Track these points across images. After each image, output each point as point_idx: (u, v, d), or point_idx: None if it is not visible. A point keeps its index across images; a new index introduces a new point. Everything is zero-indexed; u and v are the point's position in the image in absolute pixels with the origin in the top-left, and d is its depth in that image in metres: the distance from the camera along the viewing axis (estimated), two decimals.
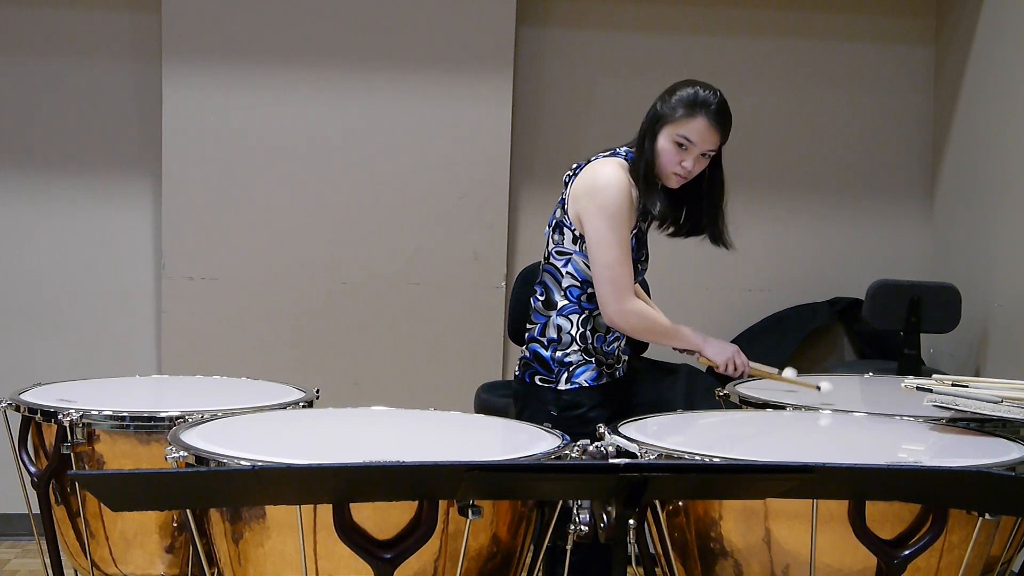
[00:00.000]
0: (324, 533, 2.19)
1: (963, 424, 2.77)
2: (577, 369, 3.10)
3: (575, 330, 3.09)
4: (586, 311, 3.10)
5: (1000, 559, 2.64)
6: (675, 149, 2.99)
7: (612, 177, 3.01)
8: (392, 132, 4.79)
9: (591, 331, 3.10)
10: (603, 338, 3.12)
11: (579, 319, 3.09)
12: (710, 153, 3.01)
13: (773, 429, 2.80)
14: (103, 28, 4.80)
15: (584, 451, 2.46)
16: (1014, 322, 4.36)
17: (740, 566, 2.36)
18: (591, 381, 3.09)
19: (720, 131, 3.00)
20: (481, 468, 1.96)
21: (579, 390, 3.09)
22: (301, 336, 4.76)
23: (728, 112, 3.03)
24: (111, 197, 4.84)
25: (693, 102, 2.98)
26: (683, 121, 2.97)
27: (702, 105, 2.97)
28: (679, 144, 2.98)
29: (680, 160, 2.99)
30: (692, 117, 2.97)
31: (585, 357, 3.10)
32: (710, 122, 2.97)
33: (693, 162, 2.99)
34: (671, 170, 3.01)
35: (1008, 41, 4.51)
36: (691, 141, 2.98)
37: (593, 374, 3.10)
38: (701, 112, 2.97)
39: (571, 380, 3.09)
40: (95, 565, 2.90)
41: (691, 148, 2.98)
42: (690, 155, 2.99)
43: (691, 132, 2.97)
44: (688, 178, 3.04)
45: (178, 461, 2.33)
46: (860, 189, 5.10)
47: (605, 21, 4.98)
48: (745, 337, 4.99)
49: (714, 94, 3.01)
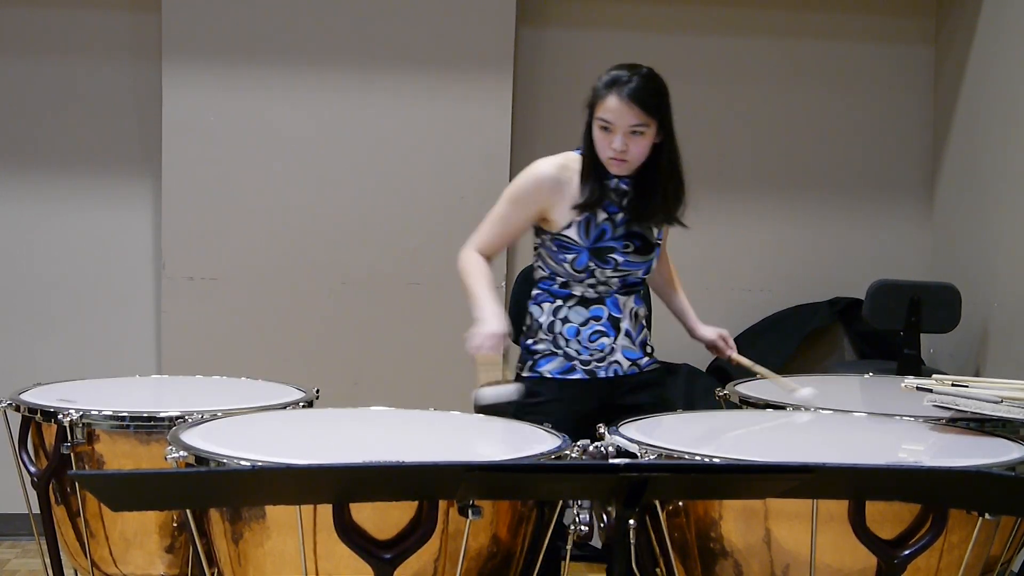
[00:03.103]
0: (324, 533, 2.19)
1: (963, 424, 2.76)
2: (542, 358, 3.09)
3: (544, 319, 3.10)
4: (558, 299, 3.09)
5: (1000, 559, 2.64)
6: (602, 134, 2.98)
7: (534, 166, 3.09)
8: (392, 132, 4.79)
9: (561, 321, 3.08)
10: (576, 330, 3.08)
11: (550, 308, 3.09)
12: (638, 130, 2.95)
13: (773, 429, 2.80)
14: (103, 28, 4.80)
15: (584, 451, 2.46)
16: (1014, 322, 4.36)
17: (740, 566, 2.36)
18: (554, 372, 3.07)
19: (637, 106, 2.93)
20: (481, 468, 1.96)
21: (538, 379, 3.08)
22: (301, 336, 4.76)
23: (649, 86, 2.97)
24: (111, 197, 4.84)
25: (607, 83, 2.97)
26: (600, 104, 2.97)
27: (613, 84, 2.96)
28: (603, 128, 2.97)
29: (608, 143, 2.97)
30: (606, 97, 2.96)
31: (552, 347, 3.09)
32: (620, 98, 2.93)
33: (622, 142, 2.94)
34: (604, 155, 2.99)
35: (1008, 41, 4.51)
36: (609, 121, 2.95)
37: (560, 366, 3.08)
38: (612, 90, 2.95)
39: (534, 368, 3.10)
40: (95, 565, 2.90)
41: (614, 128, 2.95)
42: (614, 135, 2.95)
43: (606, 112, 2.95)
44: (629, 160, 2.97)
45: (178, 461, 2.33)
46: (860, 189, 5.10)
47: (605, 21, 4.97)
48: (745, 337, 4.99)
49: (631, 71, 2.98)
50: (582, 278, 3.07)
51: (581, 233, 3.05)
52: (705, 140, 5.03)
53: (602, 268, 3.06)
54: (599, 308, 3.08)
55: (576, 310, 3.08)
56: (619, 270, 3.07)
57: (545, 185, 3.07)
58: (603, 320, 3.08)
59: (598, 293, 3.08)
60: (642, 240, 3.09)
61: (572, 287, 3.09)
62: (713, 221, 5.04)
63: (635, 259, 3.09)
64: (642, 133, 2.96)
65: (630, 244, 3.08)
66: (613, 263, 3.06)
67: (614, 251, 3.06)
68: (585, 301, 3.08)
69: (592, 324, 3.08)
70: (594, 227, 3.05)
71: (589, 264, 3.05)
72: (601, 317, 3.08)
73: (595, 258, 3.05)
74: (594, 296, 3.08)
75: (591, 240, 3.05)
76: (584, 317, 3.08)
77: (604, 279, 3.07)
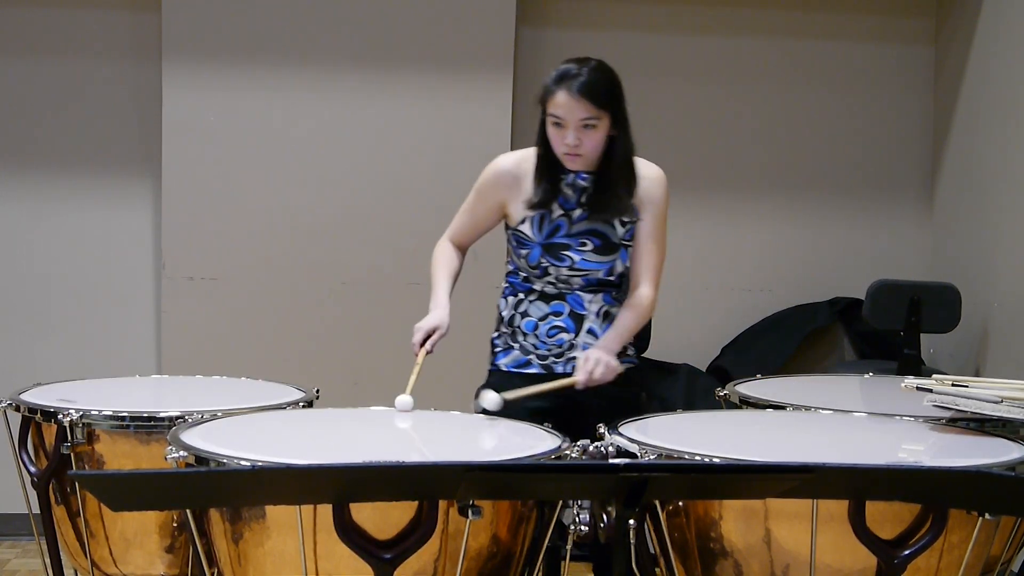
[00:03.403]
0: (324, 533, 2.19)
1: (963, 424, 2.76)
2: (500, 352, 3.11)
3: (506, 312, 3.11)
4: (520, 293, 3.09)
5: (1000, 559, 2.64)
6: (555, 129, 2.96)
7: (496, 159, 3.12)
8: (392, 132, 4.79)
9: (521, 315, 3.07)
10: (535, 324, 3.06)
11: (513, 302, 3.10)
12: (590, 123, 2.92)
13: (773, 429, 2.80)
14: (103, 28, 4.80)
15: (584, 451, 2.46)
16: (1014, 322, 4.36)
17: (740, 566, 2.36)
18: (509, 366, 3.07)
19: (586, 99, 2.90)
20: (481, 468, 1.96)
21: (495, 372, 3.09)
22: (301, 336, 4.76)
23: (598, 79, 2.94)
24: (111, 197, 4.84)
25: (556, 78, 2.95)
26: (550, 99, 2.94)
27: (562, 79, 2.93)
28: (555, 124, 2.95)
29: (562, 138, 2.95)
30: (555, 93, 2.93)
31: (509, 341, 3.09)
32: (570, 93, 2.90)
33: (574, 137, 2.92)
34: (559, 151, 2.97)
35: (1008, 41, 4.51)
36: (560, 116, 2.93)
37: (515, 360, 3.07)
38: (562, 85, 2.92)
39: (493, 362, 3.11)
40: (95, 565, 2.90)
41: (565, 123, 2.93)
42: (567, 131, 2.93)
43: (556, 108, 2.93)
44: (584, 154, 2.95)
45: (178, 461, 2.33)
46: (860, 189, 5.10)
47: (605, 21, 4.97)
48: (745, 337, 4.99)
49: (580, 65, 2.95)
50: (538, 274, 3.05)
51: (535, 229, 3.03)
52: (705, 140, 5.04)
53: (556, 265, 3.03)
54: (560, 304, 3.06)
55: (536, 305, 3.07)
56: (575, 269, 3.03)
57: (503, 179, 3.08)
58: (563, 316, 3.05)
59: (559, 289, 3.06)
60: (603, 239, 3.04)
61: (533, 282, 3.07)
62: (713, 221, 5.05)
63: (594, 259, 3.03)
64: (594, 126, 2.93)
65: (587, 242, 3.03)
66: (568, 261, 3.03)
67: (569, 248, 3.03)
68: (546, 296, 3.06)
69: (551, 319, 3.06)
70: (548, 223, 3.03)
71: (541, 260, 3.03)
72: (561, 313, 3.05)
73: (547, 254, 3.03)
74: (554, 292, 3.06)
75: (543, 236, 3.03)
76: (543, 312, 3.06)
77: (560, 277, 3.04)
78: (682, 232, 5.02)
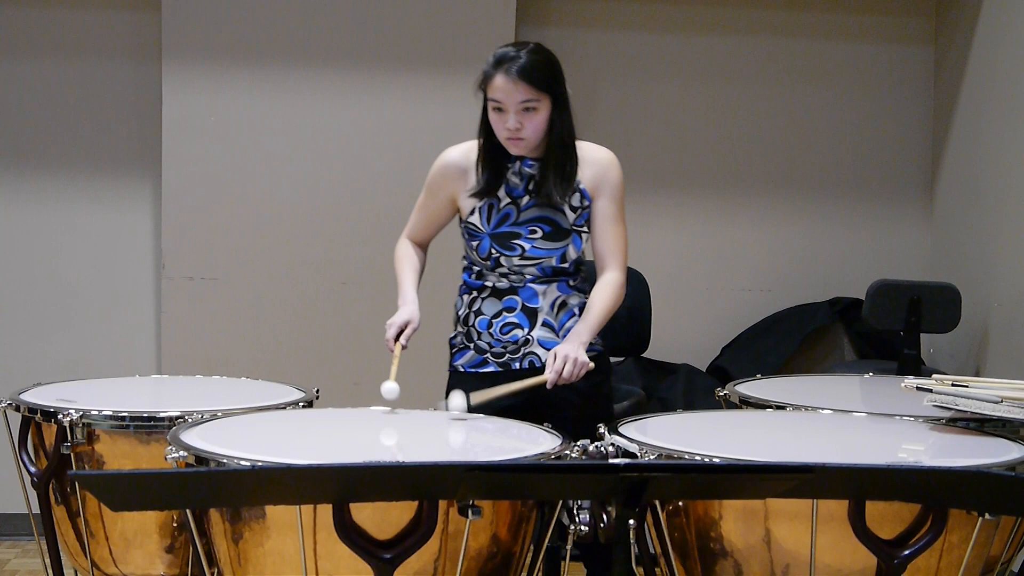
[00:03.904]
0: (324, 533, 2.19)
1: (963, 424, 2.76)
2: (457, 352, 3.10)
3: (462, 311, 3.10)
4: (473, 291, 3.08)
5: (1000, 559, 2.64)
6: (496, 115, 2.94)
7: (443, 152, 3.11)
8: (392, 132, 4.78)
9: (475, 313, 3.06)
10: (488, 322, 3.04)
11: (467, 300, 3.09)
12: (530, 106, 2.90)
13: (773, 429, 2.80)
14: (103, 28, 4.80)
15: (584, 451, 2.46)
16: (1014, 322, 4.36)
17: (740, 566, 2.36)
18: (467, 367, 3.07)
19: (524, 82, 2.88)
20: (481, 468, 1.96)
21: (453, 373, 3.09)
22: (301, 336, 4.75)
23: (536, 61, 2.92)
24: (111, 197, 4.84)
25: (494, 63, 2.93)
26: (489, 84, 2.93)
27: (498, 63, 2.92)
28: (496, 109, 2.94)
29: (503, 123, 2.93)
30: (493, 77, 2.92)
31: (465, 340, 3.08)
32: (508, 76, 2.89)
33: (515, 120, 2.91)
34: (501, 136, 2.96)
35: (1008, 41, 4.51)
36: (499, 100, 2.92)
37: (471, 360, 3.06)
38: (500, 69, 2.91)
39: (451, 363, 3.10)
40: (95, 565, 2.90)
41: (505, 107, 2.92)
42: (507, 115, 2.91)
43: (496, 92, 2.92)
44: (526, 138, 2.93)
45: (178, 461, 2.33)
46: (860, 189, 5.10)
47: (605, 21, 4.97)
48: (745, 337, 4.99)
49: (517, 48, 2.94)
50: (490, 266, 3.03)
51: (483, 219, 3.02)
52: (705, 140, 5.04)
53: (507, 255, 3.01)
54: (512, 299, 3.03)
55: (489, 301, 3.05)
56: (527, 257, 3.01)
57: (450, 172, 3.07)
58: (516, 311, 3.03)
59: (511, 283, 3.03)
60: (552, 226, 3.01)
61: (486, 277, 3.05)
62: (713, 221, 5.05)
63: (545, 246, 3.00)
64: (535, 109, 2.91)
65: (537, 230, 3.01)
66: (519, 250, 3.00)
67: (519, 237, 3.01)
68: (498, 292, 3.04)
69: (505, 315, 3.03)
70: (496, 212, 3.02)
71: (492, 251, 3.01)
72: (514, 308, 3.03)
73: (497, 244, 3.01)
74: (506, 287, 3.03)
75: (492, 226, 3.01)
76: (497, 308, 3.04)
77: (513, 267, 3.02)
78: (682, 232, 5.05)
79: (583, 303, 3.06)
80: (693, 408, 4.39)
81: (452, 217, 3.13)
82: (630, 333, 4.19)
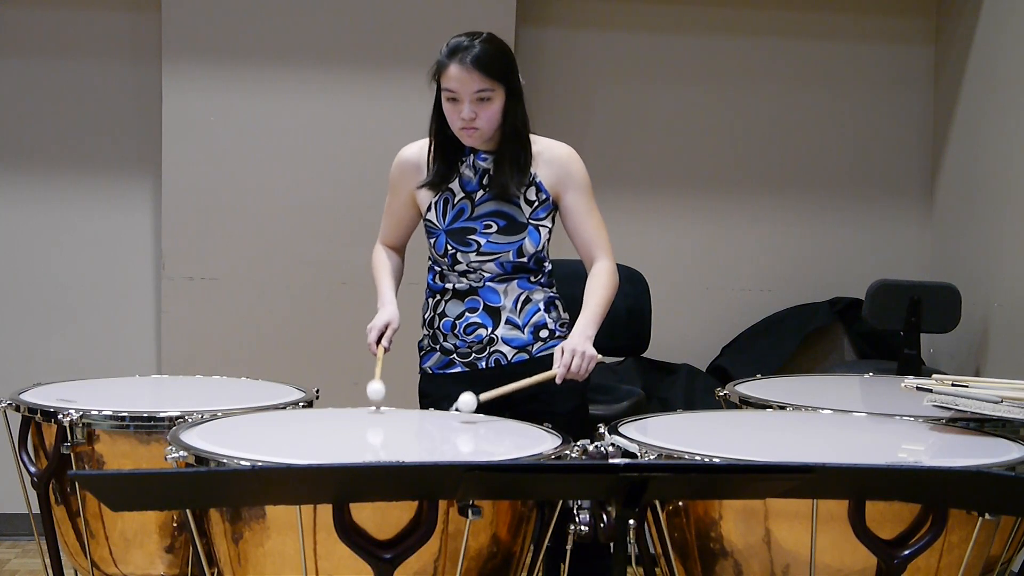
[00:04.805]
0: (324, 533, 2.19)
1: (963, 424, 2.76)
2: (425, 354, 3.10)
3: (428, 313, 3.09)
4: (436, 294, 3.07)
5: (1000, 559, 2.64)
6: (450, 105, 2.93)
7: (401, 151, 3.11)
8: (392, 132, 4.75)
9: (439, 316, 3.05)
10: (452, 323, 3.03)
11: (432, 303, 3.08)
12: (484, 95, 2.89)
13: (773, 429, 2.80)
14: (103, 28, 4.80)
15: (584, 451, 2.46)
16: (1014, 322, 4.36)
17: (740, 566, 2.36)
18: (435, 368, 3.07)
19: (478, 71, 2.87)
20: (481, 468, 1.96)
21: (423, 376, 3.10)
22: (301, 336, 4.75)
23: (490, 50, 2.91)
24: (111, 197, 4.84)
25: (448, 52, 2.92)
26: (443, 74, 2.92)
27: (452, 53, 2.91)
28: (450, 99, 2.92)
29: (457, 113, 2.92)
30: (447, 67, 2.91)
31: (431, 343, 3.08)
32: (462, 66, 2.88)
33: (470, 110, 2.89)
34: (456, 127, 2.94)
35: (1008, 41, 4.51)
36: (453, 90, 2.90)
37: (438, 361, 3.06)
38: (454, 59, 2.90)
39: (420, 366, 3.10)
40: (95, 565, 2.90)
41: (460, 97, 2.90)
42: (462, 104, 2.90)
43: (449, 81, 2.90)
44: (481, 128, 2.91)
45: (178, 461, 2.33)
46: (860, 189, 5.10)
47: (605, 21, 4.98)
48: (745, 337, 4.99)
49: (471, 38, 2.93)
50: (449, 264, 3.01)
51: (439, 215, 3.01)
52: (705, 140, 5.04)
53: (463, 251, 2.99)
54: (474, 300, 3.02)
55: (452, 303, 3.04)
56: (483, 253, 2.99)
57: (406, 168, 3.08)
58: (479, 311, 3.01)
59: (471, 283, 3.01)
60: (507, 220, 2.98)
61: (447, 279, 3.04)
62: (713, 221, 5.05)
63: (500, 240, 2.98)
64: (489, 99, 2.90)
65: (492, 224, 2.99)
66: (475, 246, 2.99)
67: (474, 232, 2.99)
68: (459, 294, 3.03)
69: (468, 316, 3.02)
70: (451, 208, 3.01)
71: (448, 247, 2.99)
72: (476, 309, 3.01)
73: (453, 240, 2.99)
74: (466, 288, 3.02)
75: (447, 222, 3.00)
76: (460, 310, 3.03)
77: (471, 264, 2.99)
78: (682, 232, 5.05)
79: (548, 298, 3.05)
80: (693, 408, 4.40)
81: (418, 216, 3.11)
82: (630, 333, 4.19)
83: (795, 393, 3.15)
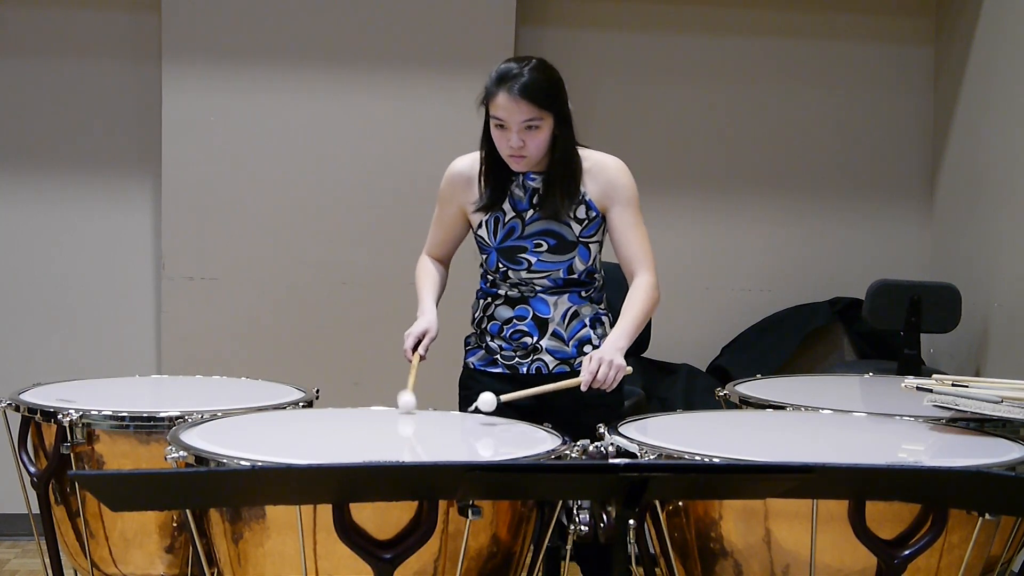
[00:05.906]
0: (324, 533, 2.19)
1: (963, 424, 2.76)
2: (471, 350, 3.13)
3: (477, 313, 3.11)
4: (488, 297, 3.09)
5: (1000, 559, 2.64)
6: (499, 132, 2.91)
7: (452, 163, 3.10)
8: (392, 132, 4.78)
9: (488, 318, 3.07)
10: (499, 327, 3.05)
11: (483, 304, 3.10)
12: (533, 124, 2.87)
13: (773, 429, 2.80)
14: (103, 28, 4.80)
15: (584, 451, 2.46)
16: (1014, 322, 4.36)
17: (740, 566, 2.36)
18: (478, 364, 3.09)
19: (527, 101, 2.84)
20: (481, 468, 1.96)
21: (465, 370, 3.12)
22: (301, 336, 4.76)
23: (539, 79, 2.88)
24: (111, 197, 4.84)
25: (496, 80, 2.89)
26: (492, 102, 2.90)
27: (500, 81, 2.88)
28: (498, 126, 2.90)
29: (506, 141, 2.90)
30: (496, 95, 2.88)
31: (477, 341, 3.10)
32: (510, 95, 2.85)
33: (518, 139, 2.87)
34: (504, 153, 2.93)
35: (1008, 41, 4.51)
36: (502, 119, 2.88)
37: (483, 358, 3.08)
38: (501, 88, 2.87)
39: (465, 359, 3.13)
40: (95, 565, 2.90)
41: (508, 125, 2.88)
42: (510, 133, 2.88)
43: (498, 110, 2.88)
44: (528, 155, 2.90)
45: (178, 461, 2.33)
46: (860, 189, 5.10)
47: (605, 21, 4.98)
48: (745, 337, 4.99)
49: (520, 65, 2.90)
50: (500, 278, 3.04)
51: (490, 233, 3.02)
52: (705, 140, 5.04)
53: (514, 269, 3.01)
54: (523, 308, 3.03)
55: (502, 308, 3.05)
56: (533, 271, 3.00)
57: (457, 182, 3.07)
58: (527, 320, 3.02)
59: (522, 293, 3.03)
60: (557, 239, 2.99)
61: (498, 286, 3.06)
62: (713, 221, 5.05)
63: (550, 259, 2.99)
64: (537, 127, 2.88)
65: (543, 243, 2.99)
66: (525, 264, 3.00)
67: (525, 251, 3.00)
68: (510, 301, 3.04)
69: (515, 323, 3.03)
70: (502, 227, 3.01)
71: (499, 264, 3.01)
72: (525, 317, 3.03)
73: (504, 258, 3.01)
74: (518, 296, 3.03)
75: (498, 240, 3.01)
76: (508, 316, 3.04)
77: (521, 280, 3.01)
78: (682, 232, 5.05)
79: (596, 314, 3.06)
80: (693, 408, 4.39)
81: (467, 229, 3.12)
82: None
83: (795, 393, 3.16)
